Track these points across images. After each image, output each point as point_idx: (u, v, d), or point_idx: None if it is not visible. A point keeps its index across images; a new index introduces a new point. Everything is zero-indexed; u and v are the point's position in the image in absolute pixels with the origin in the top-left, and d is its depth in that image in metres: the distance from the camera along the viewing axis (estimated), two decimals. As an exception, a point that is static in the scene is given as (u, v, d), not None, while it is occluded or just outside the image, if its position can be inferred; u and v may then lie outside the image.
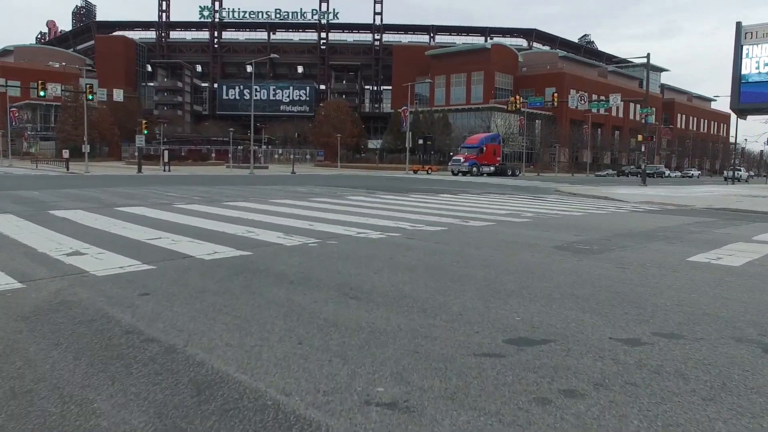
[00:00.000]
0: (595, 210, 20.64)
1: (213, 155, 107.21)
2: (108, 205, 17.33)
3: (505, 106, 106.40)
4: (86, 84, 55.05)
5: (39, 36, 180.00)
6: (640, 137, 48.59)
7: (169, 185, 30.67)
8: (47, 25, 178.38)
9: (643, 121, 54.51)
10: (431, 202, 21.42)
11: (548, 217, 17.02)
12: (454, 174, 59.30)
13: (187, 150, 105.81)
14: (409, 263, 8.80)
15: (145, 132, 52.21)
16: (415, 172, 71.47)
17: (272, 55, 68.15)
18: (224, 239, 10.87)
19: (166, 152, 61.37)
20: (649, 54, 52.05)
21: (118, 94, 57.22)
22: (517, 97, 56.30)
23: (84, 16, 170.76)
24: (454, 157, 61.49)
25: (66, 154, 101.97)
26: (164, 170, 60.29)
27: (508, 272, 8.30)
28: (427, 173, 70.56)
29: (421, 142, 73.23)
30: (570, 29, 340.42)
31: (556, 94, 55.04)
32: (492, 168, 62.45)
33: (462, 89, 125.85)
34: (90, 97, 53.34)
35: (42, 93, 53.13)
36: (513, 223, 14.86)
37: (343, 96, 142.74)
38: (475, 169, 59.41)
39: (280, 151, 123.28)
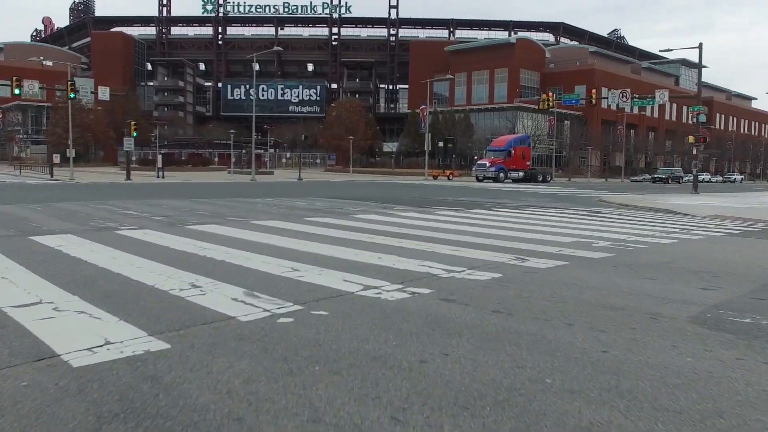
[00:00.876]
0: (675, 230, 16.84)
1: (215, 159, 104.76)
2: (20, 232, 13.12)
3: (533, 106, 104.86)
4: (69, 82, 50.94)
5: (34, 33, 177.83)
6: (691, 138, 44.04)
7: (141, 198, 26.88)
8: (43, 21, 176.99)
9: (693, 121, 50.16)
10: (465, 223, 17.20)
11: (630, 247, 12.96)
12: (478, 180, 55.24)
13: (188, 154, 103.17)
14: (460, 385, 4.71)
15: (135, 134, 48.32)
16: (435, 177, 68.29)
17: (275, 48, 63.60)
18: (134, 305, 6.89)
19: (160, 157, 57.28)
20: (701, 44, 48.12)
21: (104, 93, 53.02)
22: (550, 94, 51.72)
23: (82, 12, 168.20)
24: (478, 162, 57.38)
25: (57, 158, 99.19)
26: (157, 176, 56.75)
27: (660, 407, 4.28)
28: (449, 179, 67.58)
29: (441, 145, 69.40)
30: (598, 24, 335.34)
31: (594, 91, 50.52)
32: (521, 173, 58.36)
33: (485, 87, 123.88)
34: (72, 95, 49.33)
35: (17, 91, 49.47)
36: (591, 262, 10.68)
37: (356, 95, 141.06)
38: (502, 174, 55.30)
39: (288, 155, 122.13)
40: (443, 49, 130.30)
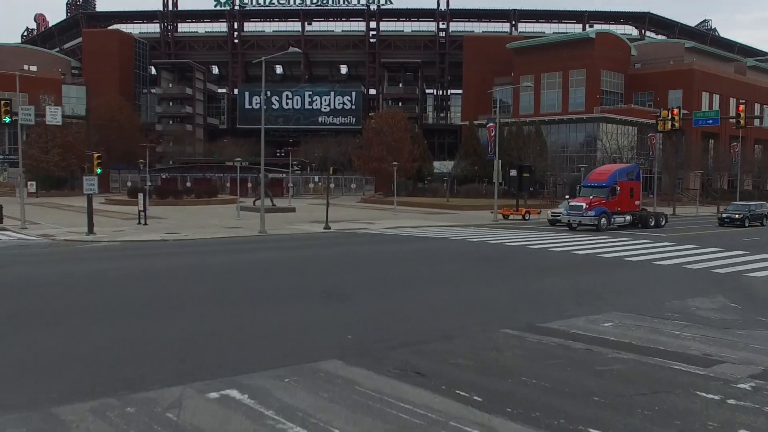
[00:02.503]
0: None
1: (228, 185, 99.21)
2: None
3: (618, 116, 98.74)
4: (2, 100, 42.74)
5: (26, 33, 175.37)
6: None
7: None
8: (35, 19, 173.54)
9: None
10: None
11: None
12: (571, 227, 46.19)
13: (194, 180, 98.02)
14: None
15: (98, 171, 39.75)
16: (506, 216, 60.92)
17: (291, 49, 55.09)
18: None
19: (141, 196, 48.89)
20: None
21: (55, 115, 44.26)
22: (674, 111, 42.08)
23: (81, 7, 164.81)
24: (570, 203, 48.24)
25: (32, 187, 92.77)
26: (139, 222, 48.45)
27: None
28: (524, 218, 60.23)
29: (514, 173, 60.46)
30: (681, 14, 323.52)
31: (742, 107, 40.76)
32: (628, 217, 48.92)
33: (556, 93, 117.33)
34: (7, 119, 41.24)
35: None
36: None
37: (399, 103, 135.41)
38: (604, 220, 45.76)
39: (317, 178, 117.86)
40: (504, 47, 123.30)
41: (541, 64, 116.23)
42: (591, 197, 47.44)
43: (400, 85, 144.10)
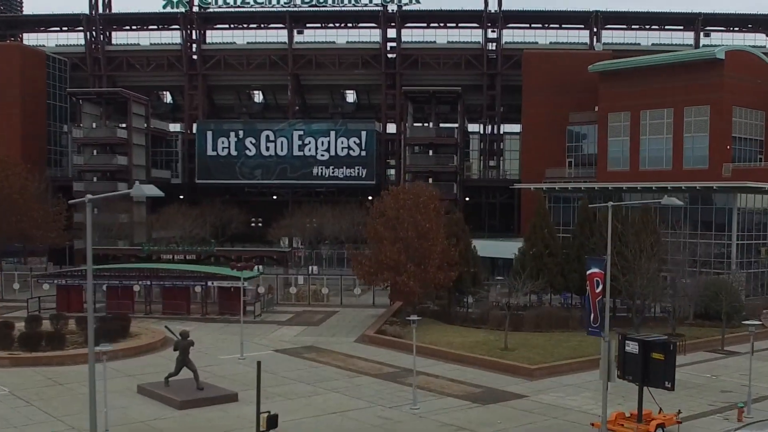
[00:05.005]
0: None
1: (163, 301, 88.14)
2: None
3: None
4: None
5: None
6: None
7: None
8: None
9: None
10: None
11: None
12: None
13: (109, 291, 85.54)
14: None
15: None
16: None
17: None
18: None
19: None
20: None
21: None
22: None
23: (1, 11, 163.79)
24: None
25: None
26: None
27: None
28: None
29: (632, 348, 43.74)
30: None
31: None
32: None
33: (664, 141, 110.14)
34: None
35: None
36: None
37: (430, 151, 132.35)
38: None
39: (315, 269, 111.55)
40: (584, 67, 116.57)
41: (640, 95, 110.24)
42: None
43: (430, 124, 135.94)
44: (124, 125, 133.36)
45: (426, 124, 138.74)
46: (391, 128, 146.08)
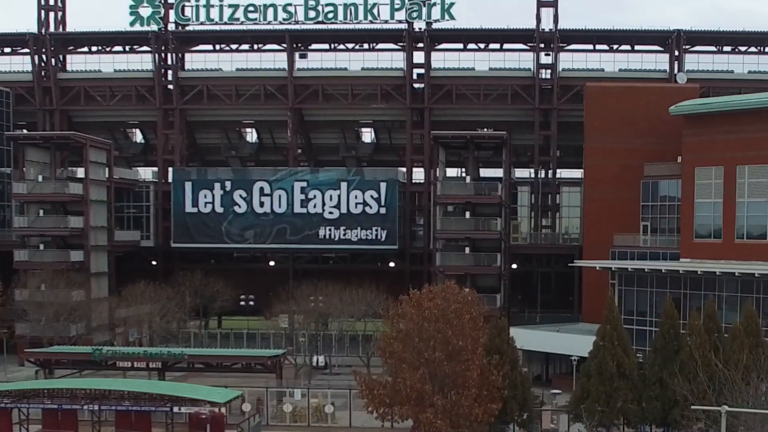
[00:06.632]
0: None
1: None
2: None
3: None
4: None
5: None
6: None
7: None
8: None
9: None
10: None
11: None
12: None
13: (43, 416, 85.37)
14: None
15: None
16: None
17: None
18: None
19: None
20: None
21: None
22: None
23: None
24: None
25: None
26: None
27: None
28: None
29: None
30: None
31: None
32: None
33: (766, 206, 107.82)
34: None
35: None
36: None
37: (467, 213, 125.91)
38: None
39: (321, 360, 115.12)
40: (664, 103, 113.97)
41: (738, 145, 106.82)
42: None
43: (467, 178, 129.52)
44: (75, 181, 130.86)
45: (461, 173, 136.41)
46: (418, 173, 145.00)
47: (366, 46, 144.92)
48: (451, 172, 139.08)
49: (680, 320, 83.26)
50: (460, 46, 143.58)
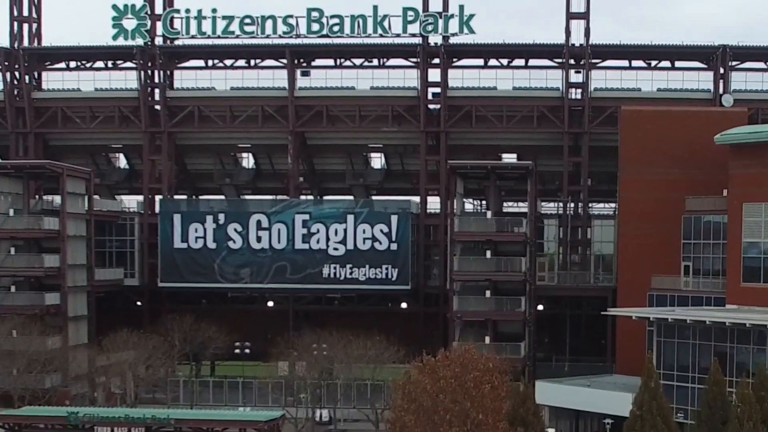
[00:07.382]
0: None
1: None
2: None
3: None
4: None
5: None
6: None
7: None
8: None
9: None
10: None
11: None
12: None
13: None
14: None
15: None
16: None
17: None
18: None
19: None
20: None
21: None
22: None
23: None
24: None
25: None
26: None
27: None
28: None
29: None
30: None
31: None
32: None
33: None
34: None
35: None
36: None
37: (487, 253, 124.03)
38: None
39: (325, 415, 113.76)
40: (708, 129, 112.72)
41: None
42: None
43: (488, 213, 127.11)
44: (51, 215, 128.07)
45: (481, 205, 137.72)
46: (434, 202, 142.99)
47: (376, 62, 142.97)
48: (470, 201, 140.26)
49: (727, 377, 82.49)
50: (481, 62, 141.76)
